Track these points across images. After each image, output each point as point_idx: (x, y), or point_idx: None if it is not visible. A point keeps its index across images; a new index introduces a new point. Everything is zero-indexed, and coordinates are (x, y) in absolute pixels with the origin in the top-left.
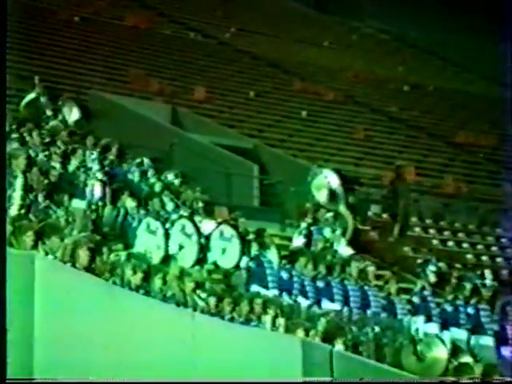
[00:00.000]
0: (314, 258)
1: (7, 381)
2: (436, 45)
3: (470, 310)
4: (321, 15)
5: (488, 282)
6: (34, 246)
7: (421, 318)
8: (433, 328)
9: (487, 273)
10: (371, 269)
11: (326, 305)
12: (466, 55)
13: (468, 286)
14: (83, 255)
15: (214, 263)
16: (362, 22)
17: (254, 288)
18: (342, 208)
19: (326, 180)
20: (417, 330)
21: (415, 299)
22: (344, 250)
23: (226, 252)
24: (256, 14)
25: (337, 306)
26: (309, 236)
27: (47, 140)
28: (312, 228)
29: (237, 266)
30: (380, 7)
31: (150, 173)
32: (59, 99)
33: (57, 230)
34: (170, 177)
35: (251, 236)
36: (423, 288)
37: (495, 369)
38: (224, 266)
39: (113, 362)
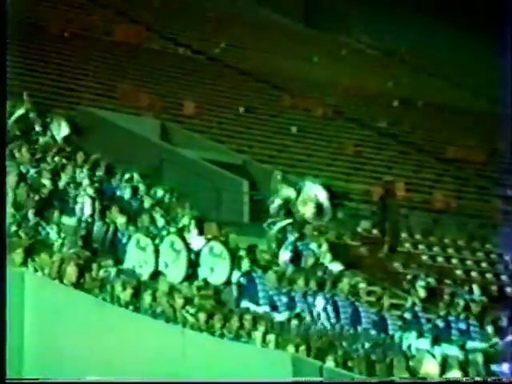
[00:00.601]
0: (306, 273)
1: (7, 381)
2: (425, 60)
3: (462, 326)
4: (310, 30)
5: (476, 297)
6: (24, 263)
7: (413, 334)
8: (424, 344)
9: (475, 288)
10: (362, 285)
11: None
12: (455, 71)
13: (461, 302)
14: (71, 271)
15: (204, 280)
16: (352, 37)
17: (245, 304)
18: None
19: (313, 194)
20: (409, 346)
21: (406, 315)
22: (334, 265)
23: (216, 268)
24: (245, 29)
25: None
26: (295, 251)
27: (38, 156)
28: (298, 243)
29: (227, 283)
30: (369, 22)
31: (140, 189)
32: (48, 115)
33: (46, 246)
34: (160, 193)
35: (242, 252)
36: (414, 304)
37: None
38: (214, 283)
39: (102, 379)
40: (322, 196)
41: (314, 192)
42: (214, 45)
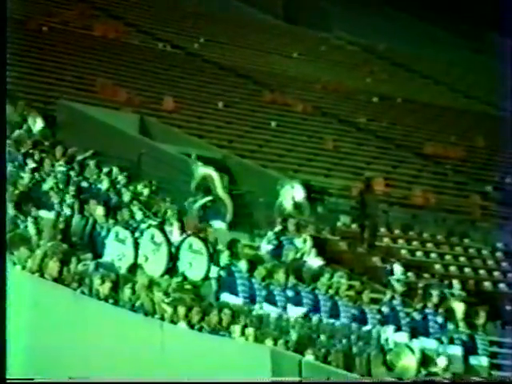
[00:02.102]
0: (286, 267)
1: (7, 381)
2: (404, 57)
3: (439, 319)
4: (290, 26)
5: (456, 291)
6: None
7: (390, 328)
8: (402, 337)
9: (455, 282)
10: (342, 279)
11: (293, 310)
12: (434, 67)
13: (435, 293)
14: (53, 266)
15: (183, 274)
16: (331, 33)
17: (224, 297)
18: (220, 191)
19: (292, 190)
20: (386, 339)
21: (384, 309)
22: (314, 260)
23: (195, 264)
24: (225, 24)
25: (302, 310)
26: (278, 245)
27: (15, 150)
28: (282, 238)
29: (205, 278)
30: (349, 19)
31: (119, 182)
32: (25, 109)
33: (25, 240)
34: (139, 187)
35: (221, 246)
36: (392, 298)
37: (462, 378)
38: (192, 278)
39: (82, 372)
40: (300, 195)
41: (292, 191)
42: (193, 40)
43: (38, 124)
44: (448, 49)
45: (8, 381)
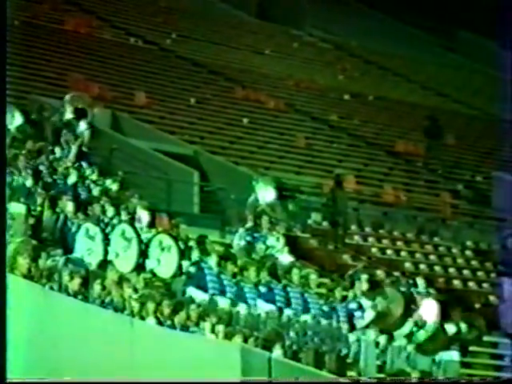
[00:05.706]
0: (257, 264)
1: (7, 381)
2: (376, 54)
3: None
4: (263, 23)
5: (421, 289)
6: None
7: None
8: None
9: (419, 280)
10: (313, 276)
11: (263, 307)
12: (406, 65)
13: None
14: (23, 262)
15: (151, 271)
16: (304, 30)
17: (194, 292)
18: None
19: (265, 189)
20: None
21: (353, 306)
22: (285, 257)
23: (163, 261)
24: (197, 20)
25: (272, 306)
26: (251, 242)
27: None
28: (255, 235)
29: (176, 275)
30: (321, 16)
31: (90, 178)
32: None
33: None
34: (110, 182)
35: (192, 242)
36: (355, 295)
37: (431, 375)
38: (161, 275)
39: (51, 368)
40: (271, 196)
41: (265, 191)
42: (165, 35)
43: (16, 120)
44: (420, 46)
45: (8, 381)
